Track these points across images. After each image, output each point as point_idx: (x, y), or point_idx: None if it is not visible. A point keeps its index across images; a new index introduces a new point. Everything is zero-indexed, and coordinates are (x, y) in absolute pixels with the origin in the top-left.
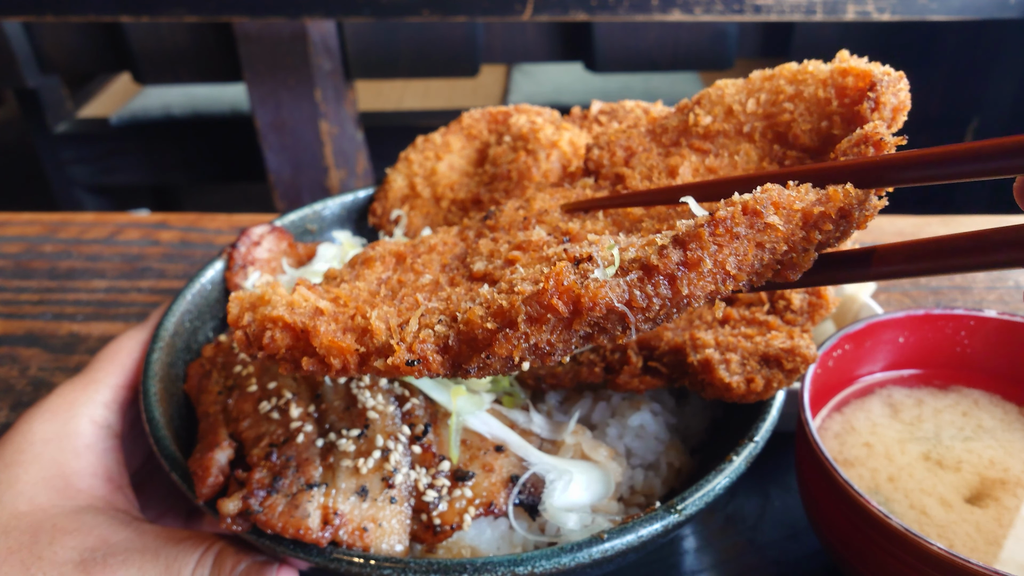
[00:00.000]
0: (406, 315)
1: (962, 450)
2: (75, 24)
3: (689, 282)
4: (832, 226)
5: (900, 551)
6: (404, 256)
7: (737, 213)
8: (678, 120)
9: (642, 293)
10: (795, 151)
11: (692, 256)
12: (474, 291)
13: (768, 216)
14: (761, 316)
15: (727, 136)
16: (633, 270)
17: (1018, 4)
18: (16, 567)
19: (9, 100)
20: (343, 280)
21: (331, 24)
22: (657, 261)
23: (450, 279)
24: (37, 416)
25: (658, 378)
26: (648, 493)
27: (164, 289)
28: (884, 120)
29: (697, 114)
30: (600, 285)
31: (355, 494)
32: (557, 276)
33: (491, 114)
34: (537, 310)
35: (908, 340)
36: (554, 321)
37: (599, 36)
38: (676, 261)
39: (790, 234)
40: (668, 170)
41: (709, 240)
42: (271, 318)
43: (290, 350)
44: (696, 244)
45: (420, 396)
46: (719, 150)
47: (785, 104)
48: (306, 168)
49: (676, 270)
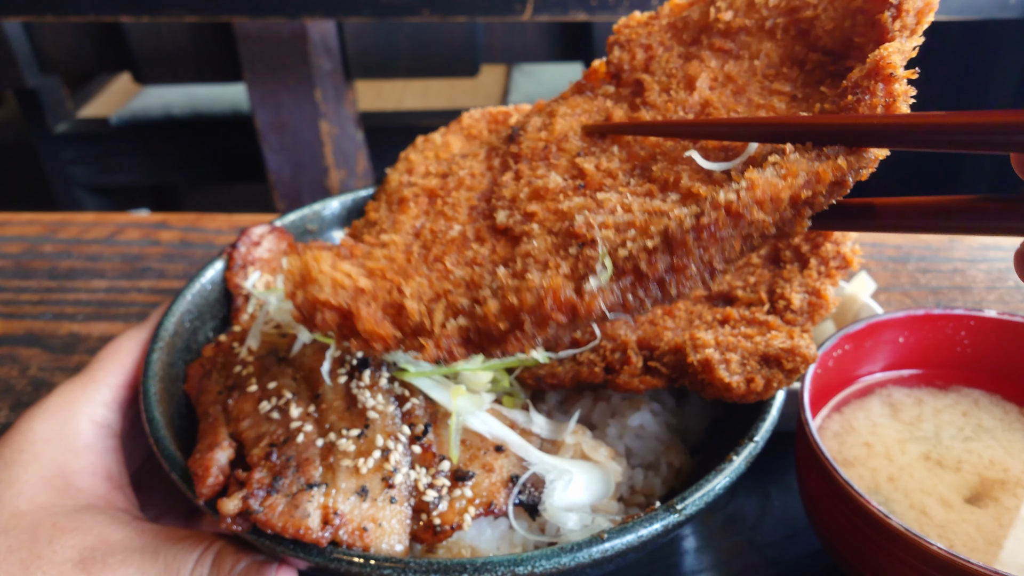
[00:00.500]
0: (437, 287)
1: (962, 450)
2: (75, 24)
3: (678, 283)
4: (824, 197)
5: (900, 551)
6: (436, 194)
7: (721, 217)
8: (699, 14)
9: (634, 296)
10: (817, 53)
11: (679, 263)
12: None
13: (752, 215)
14: (761, 316)
15: (748, 33)
16: (625, 275)
17: (1018, 4)
18: (16, 566)
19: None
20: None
21: (331, 24)
22: (647, 268)
23: (476, 232)
24: (37, 416)
25: (658, 378)
26: (648, 493)
27: (164, 289)
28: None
29: (719, 7)
30: (594, 296)
31: (355, 494)
32: (555, 292)
33: (491, 114)
34: (540, 318)
35: (908, 340)
36: (555, 325)
37: (599, 36)
38: (664, 267)
39: (778, 219)
40: (687, 80)
41: (694, 246)
42: (319, 301)
43: (340, 328)
44: (682, 252)
45: (420, 396)
46: (740, 50)
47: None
48: (306, 168)
49: (664, 275)
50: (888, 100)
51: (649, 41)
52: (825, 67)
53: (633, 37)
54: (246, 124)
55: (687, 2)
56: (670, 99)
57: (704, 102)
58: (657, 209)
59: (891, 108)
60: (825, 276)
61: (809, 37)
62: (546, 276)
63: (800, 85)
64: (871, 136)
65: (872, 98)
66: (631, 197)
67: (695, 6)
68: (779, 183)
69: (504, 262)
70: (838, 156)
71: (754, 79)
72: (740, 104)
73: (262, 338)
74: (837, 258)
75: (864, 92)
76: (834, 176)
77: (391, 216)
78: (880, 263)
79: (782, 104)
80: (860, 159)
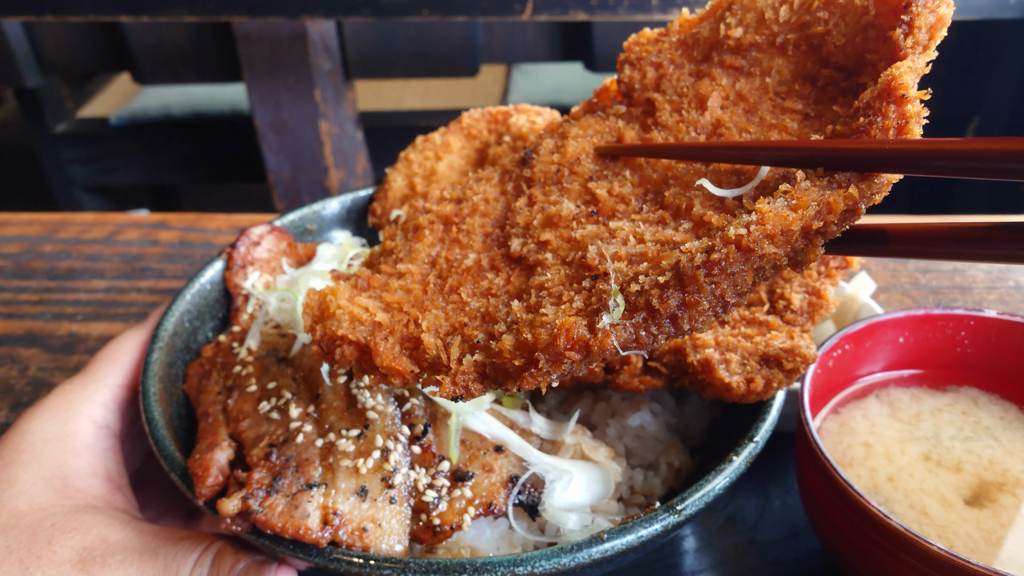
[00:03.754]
0: (453, 319)
1: (962, 450)
2: (75, 24)
3: (690, 318)
4: (835, 225)
5: (900, 551)
6: (451, 221)
7: (732, 253)
8: (709, 30)
9: (646, 332)
10: (829, 69)
11: (690, 299)
12: (513, 283)
13: (763, 249)
14: (761, 316)
15: (759, 49)
16: (638, 312)
17: (1018, 4)
18: (15, 566)
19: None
20: (398, 258)
21: (331, 24)
22: (659, 305)
23: (491, 261)
24: (36, 416)
25: (658, 378)
26: (648, 493)
27: (164, 289)
28: (919, 44)
29: (729, 23)
30: (607, 334)
31: (355, 494)
32: (568, 331)
33: (491, 114)
34: (554, 356)
35: (908, 340)
36: (570, 362)
37: (599, 36)
38: (676, 304)
39: (789, 250)
40: (698, 99)
41: (705, 283)
42: (337, 336)
43: (358, 362)
44: (694, 287)
45: (420, 396)
46: (751, 67)
47: (819, 13)
48: (306, 168)
49: (676, 311)
50: (900, 122)
51: (660, 59)
52: (837, 83)
53: (644, 55)
54: (245, 124)
55: (697, 18)
56: (682, 119)
57: (716, 122)
58: (669, 239)
59: (903, 130)
60: (825, 276)
61: (821, 53)
62: (559, 312)
63: (812, 102)
64: (883, 162)
65: (884, 120)
66: (643, 226)
67: (705, 22)
68: (789, 215)
69: (519, 293)
70: (850, 184)
71: (766, 97)
72: (752, 124)
73: (262, 338)
74: (837, 258)
75: (876, 114)
76: (846, 205)
77: (407, 244)
78: (880, 263)
79: (794, 123)
80: (872, 185)
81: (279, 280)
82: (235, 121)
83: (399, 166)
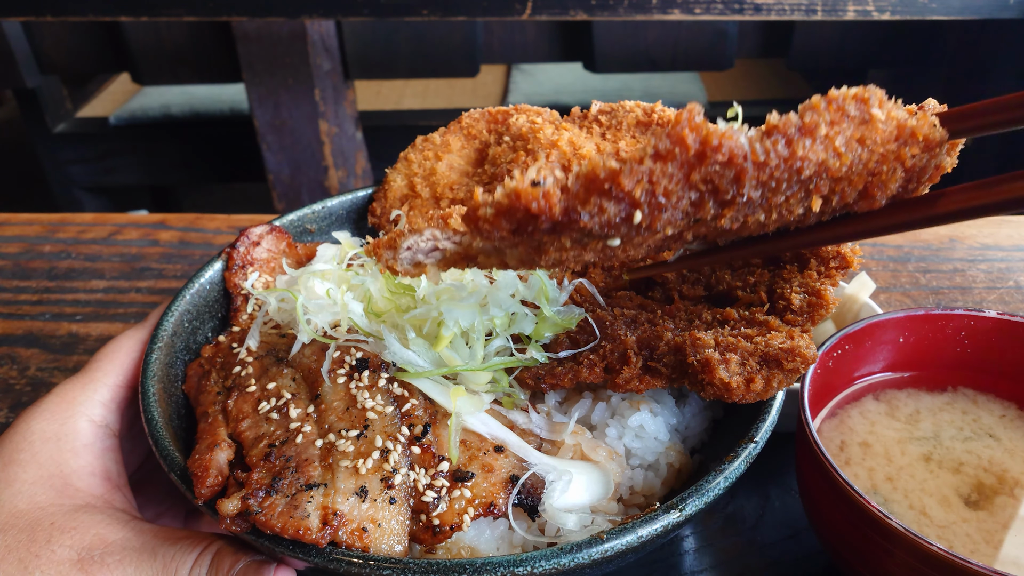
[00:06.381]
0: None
1: (962, 450)
2: (74, 24)
3: (804, 146)
4: (919, 151)
5: (900, 551)
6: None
7: (847, 95)
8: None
9: (762, 147)
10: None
11: (808, 122)
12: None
13: (873, 107)
14: (761, 316)
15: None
16: (755, 129)
17: (1018, 4)
18: (14, 565)
19: (9, 100)
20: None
21: (330, 24)
22: (777, 122)
23: None
24: (36, 415)
25: (658, 378)
26: (648, 493)
27: (163, 289)
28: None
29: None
30: (727, 128)
31: (354, 494)
32: (690, 113)
33: (491, 114)
34: (665, 144)
35: (908, 340)
36: (679, 160)
37: (598, 36)
38: (795, 124)
39: (886, 139)
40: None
41: (824, 110)
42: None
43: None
44: (812, 113)
45: (419, 396)
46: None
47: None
48: (305, 168)
49: (793, 133)
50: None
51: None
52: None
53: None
54: (245, 124)
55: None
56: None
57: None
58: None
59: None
60: (825, 276)
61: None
62: (681, 112)
63: None
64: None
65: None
66: None
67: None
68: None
69: None
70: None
71: None
72: None
73: (261, 338)
74: (837, 258)
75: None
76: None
77: None
78: (880, 263)
79: None
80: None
81: (279, 280)
82: (235, 121)
83: (399, 166)
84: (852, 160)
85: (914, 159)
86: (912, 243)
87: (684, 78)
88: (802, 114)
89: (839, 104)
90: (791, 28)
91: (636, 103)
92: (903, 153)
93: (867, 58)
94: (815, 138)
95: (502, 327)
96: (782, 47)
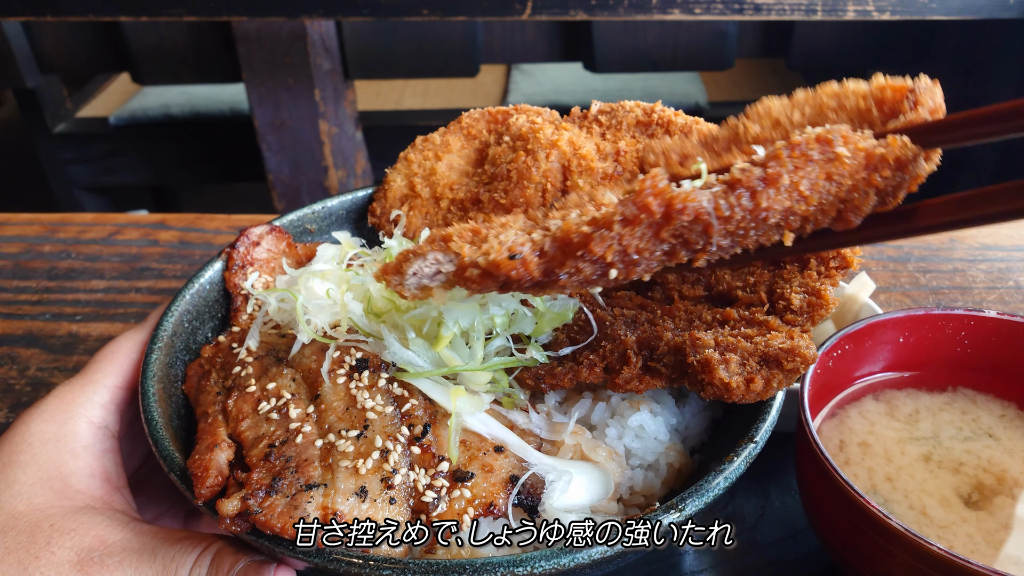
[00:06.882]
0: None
1: (961, 450)
2: (74, 24)
3: (768, 197)
4: (890, 173)
5: (900, 551)
6: (479, 231)
7: (811, 139)
8: (728, 131)
9: (726, 203)
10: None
11: (771, 172)
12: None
13: (837, 146)
14: (761, 316)
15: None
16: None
17: (1018, 4)
18: (14, 567)
19: (9, 100)
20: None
21: (330, 24)
22: (740, 175)
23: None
24: (35, 416)
25: (658, 378)
26: (648, 493)
27: (163, 289)
28: (927, 108)
29: (746, 125)
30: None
31: (354, 495)
32: (653, 179)
33: (490, 114)
34: (632, 211)
35: (908, 340)
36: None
37: (598, 36)
38: (757, 176)
39: (854, 171)
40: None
41: (787, 159)
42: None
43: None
44: (775, 162)
45: (419, 396)
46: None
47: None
48: (305, 168)
49: (757, 184)
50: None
51: (683, 150)
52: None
53: (668, 148)
54: (245, 124)
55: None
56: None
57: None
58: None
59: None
60: (825, 276)
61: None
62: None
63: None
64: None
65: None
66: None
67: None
68: (856, 134)
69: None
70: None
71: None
72: None
73: (261, 338)
74: (837, 258)
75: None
76: (900, 149)
77: None
78: (880, 263)
79: None
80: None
81: (279, 280)
82: (235, 121)
83: (399, 166)
84: (820, 199)
85: (886, 180)
86: (912, 243)
87: (684, 78)
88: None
89: (802, 150)
90: (791, 28)
91: (636, 103)
92: (874, 179)
93: (867, 58)
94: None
95: (502, 327)
96: (782, 47)
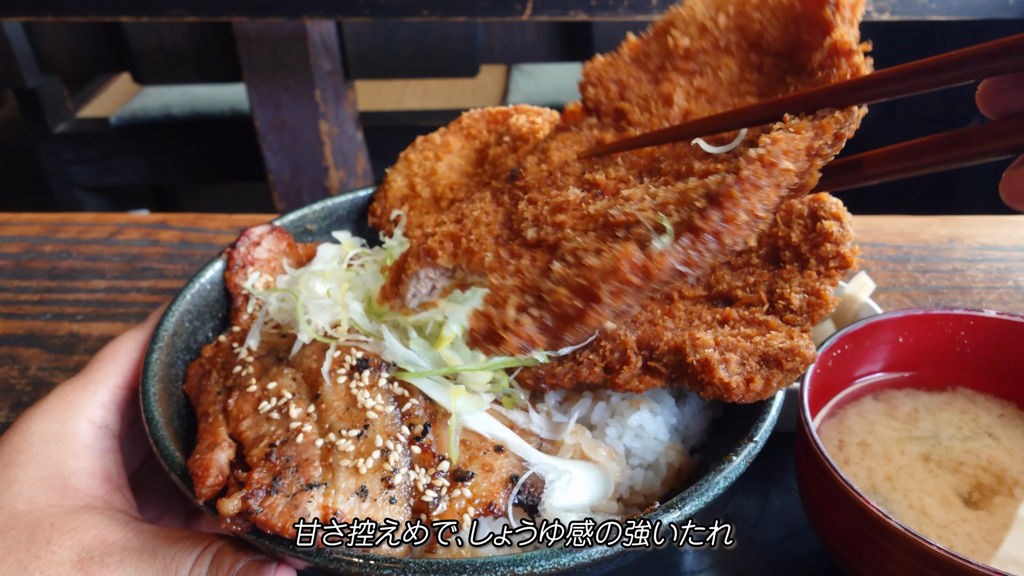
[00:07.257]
0: (495, 299)
1: (961, 450)
2: (75, 24)
3: (730, 233)
4: (830, 149)
5: (900, 551)
6: (458, 236)
7: (758, 169)
8: (658, 45)
9: (696, 252)
10: (771, 57)
11: (729, 213)
12: (540, 260)
13: (782, 164)
14: (760, 316)
15: (707, 53)
16: (683, 234)
17: (1018, 4)
18: (14, 567)
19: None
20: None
21: (331, 24)
22: (702, 223)
23: (509, 251)
24: (36, 416)
25: (658, 378)
26: (648, 493)
27: (164, 289)
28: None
29: (675, 36)
30: (662, 255)
31: (355, 494)
32: (627, 256)
33: (490, 114)
34: (616, 286)
35: (907, 340)
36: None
37: (599, 36)
38: (717, 220)
39: (800, 169)
40: (663, 98)
41: (740, 197)
42: None
43: None
44: (730, 203)
45: (419, 396)
46: (703, 68)
47: (752, 13)
48: (306, 168)
49: (719, 227)
50: (853, 71)
51: (619, 76)
52: (781, 67)
53: (603, 74)
54: (246, 124)
55: (644, 39)
56: (652, 115)
57: (685, 112)
58: (685, 188)
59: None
60: (824, 276)
61: (761, 45)
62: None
63: (764, 85)
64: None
65: (839, 71)
66: (654, 187)
67: (652, 42)
68: (795, 137)
69: (548, 268)
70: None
71: (722, 88)
72: (717, 107)
73: (262, 338)
74: (836, 258)
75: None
76: (835, 127)
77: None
78: (880, 263)
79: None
80: (848, 115)
81: (279, 280)
82: (235, 121)
83: (399, 166)
84: (773, 208)
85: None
86: (911, 243)
87: None
88: (720, 204)
89: (752, 182)
90: None
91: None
92: (816, 163)
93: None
94: (738, 224)
95: None
96: None
